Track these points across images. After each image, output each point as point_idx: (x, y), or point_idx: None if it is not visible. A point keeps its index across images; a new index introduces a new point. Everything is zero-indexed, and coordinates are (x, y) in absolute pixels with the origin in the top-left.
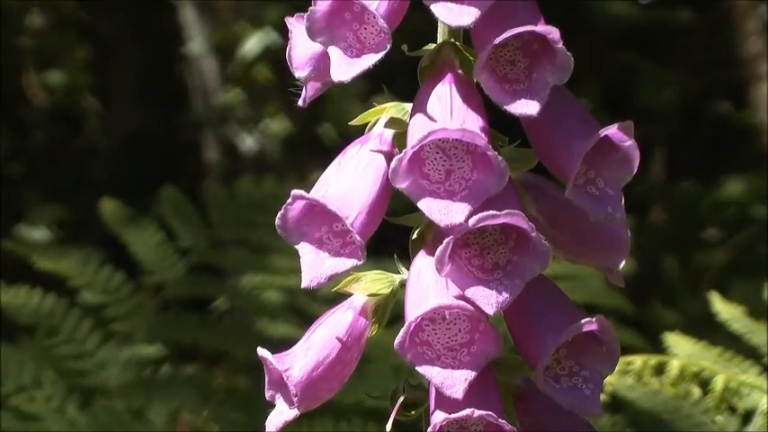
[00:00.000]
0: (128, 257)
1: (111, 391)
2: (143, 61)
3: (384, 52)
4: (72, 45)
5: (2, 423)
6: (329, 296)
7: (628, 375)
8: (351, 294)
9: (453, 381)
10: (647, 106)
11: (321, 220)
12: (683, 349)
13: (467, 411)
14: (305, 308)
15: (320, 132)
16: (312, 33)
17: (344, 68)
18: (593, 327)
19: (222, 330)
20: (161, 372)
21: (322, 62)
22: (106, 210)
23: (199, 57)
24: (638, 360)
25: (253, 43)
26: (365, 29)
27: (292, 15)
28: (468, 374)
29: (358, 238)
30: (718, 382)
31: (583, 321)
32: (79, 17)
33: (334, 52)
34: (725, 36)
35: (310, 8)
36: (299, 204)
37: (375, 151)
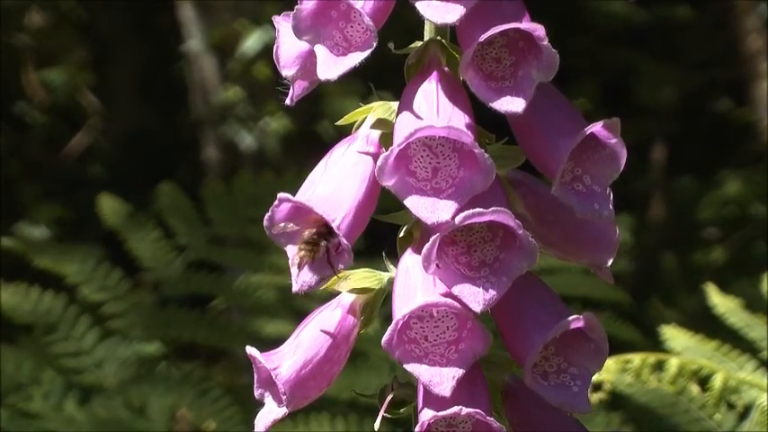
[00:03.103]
0: (126, 254)
1: (109, 389)
2: (142, 59)
3: (370, 50)
4: (71, 43)
5: (0, 421)
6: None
7: (626, 373)
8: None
9: (441, 378)
10: (647, 104)
11: (308, 222)
12: (679, 342)
13: (455, 409)
14: (302, 305)
15: (319, 130)
16: (298, 32)
17: (331, 67)
18: (581, 324)
19: (220, 327)
20: (159, 369)
21: (309, 61)
22: (105, 207)
23: (198, 54)
24: (636, 358)
25: (252, 41)
26: (351, 27)
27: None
28: (456, 372)
29: (344, 241)
30: (717, 380)
31: (570, 319)
32: (78, 15)
33: (321, 51)
34: (724, 34)
35: (296, 7)
36: (286, 207)
37: (362, 152)
